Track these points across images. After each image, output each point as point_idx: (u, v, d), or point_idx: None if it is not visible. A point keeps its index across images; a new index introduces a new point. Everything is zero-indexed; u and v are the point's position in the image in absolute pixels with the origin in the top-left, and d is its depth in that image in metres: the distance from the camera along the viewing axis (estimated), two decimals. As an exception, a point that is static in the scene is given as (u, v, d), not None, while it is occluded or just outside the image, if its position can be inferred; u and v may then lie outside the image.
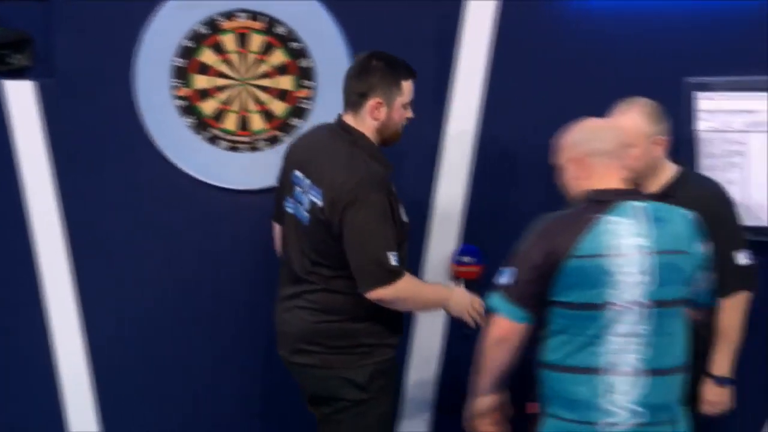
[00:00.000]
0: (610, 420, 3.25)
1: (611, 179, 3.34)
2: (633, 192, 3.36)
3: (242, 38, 4.44)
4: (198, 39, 4.44)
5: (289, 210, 3.87)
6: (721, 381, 4.00)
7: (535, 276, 3.27)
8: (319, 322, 3.81)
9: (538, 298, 3.30)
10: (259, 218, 4.50)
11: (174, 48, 4.44)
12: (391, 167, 3.83)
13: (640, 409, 3.25)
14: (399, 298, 3.72)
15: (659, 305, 3.26)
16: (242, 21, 4.43)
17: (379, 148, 3.83)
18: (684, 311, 3.35)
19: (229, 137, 4.49)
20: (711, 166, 4.25)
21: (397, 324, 3.88)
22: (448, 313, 3.93)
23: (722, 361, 4.00)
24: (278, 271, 4.04)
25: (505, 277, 3.32)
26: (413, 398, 4.59)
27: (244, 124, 4.49)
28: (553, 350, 3.32)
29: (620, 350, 3.25)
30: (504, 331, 3.33)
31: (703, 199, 3.88)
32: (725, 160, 4.25)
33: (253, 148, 4.50)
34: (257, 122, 4.49)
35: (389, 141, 3.86)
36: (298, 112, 4.47)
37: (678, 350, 3.33)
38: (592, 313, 3.25)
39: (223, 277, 4.56)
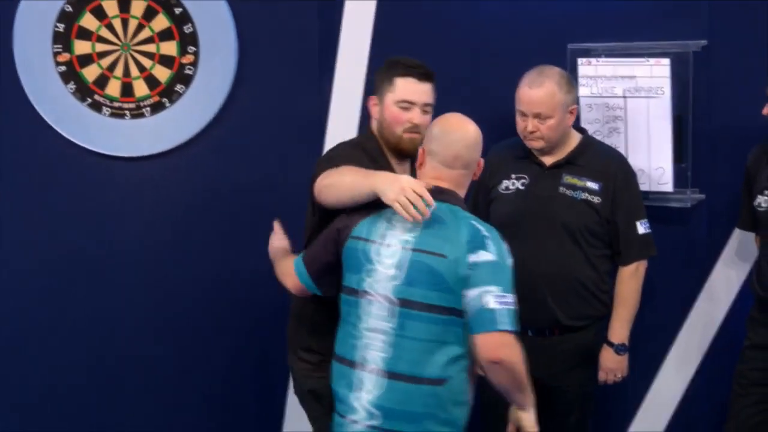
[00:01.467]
0: (353, 417, 3.20)
1: (432, 177, 3.24)
2: (439, 191, 3.18)
3: (123, 3, 4.38)
4: (78, 3, 4.37)
5: None
6: (619, 349, 4.04)
7: (324, 244, 3.30)
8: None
9: (323, 270, 3.31)
10: (142, 185, 4.47)
11: (54, 12, 4.37)
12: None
13: (375, 410, 3.16)
14: (323, 185, 3.40)
15: (405, 304, 3.12)
16: (124, -15, 4.39)
17: (383, 153, 3.59)
18: (441, 321, 3.11)
19: (112, 104, 4.43)
20: (593, 131, 4.25)
21: None
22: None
23: (621, 329, 4.03)
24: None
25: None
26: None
27: (127, 91, 4.43)
28: (336, 339, 3.29)
29: (369, 345, 3.16)
30: (294, 288, 3.40)
31: (608, 169, 3.96)
32: (607, 125, 4.26)
33: (137, 115, 4.44)
34: (141, 88, 4.43)
35: (393, 145, 3.57)
36: (183, 79, 4.42)
37: (421, 359, 3.11)
38: (354, 299, 3.20)
39: (106, 245, 4.50)
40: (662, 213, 4.25)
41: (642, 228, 4.00)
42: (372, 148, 3.59)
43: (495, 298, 3.04)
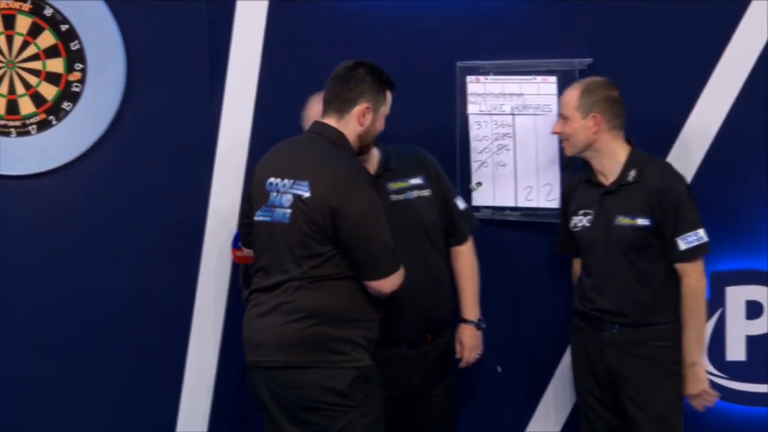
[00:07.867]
0: None
1: None
2: None
3: (8, 19, 4.32)
4: (-38, 20, 4.31)
5: (263, 218, 3.70)
6: (479, 323, 4.12)
7: None
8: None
9: None
10: (30, 204, 4.41)
11: (-63, 29, 4.30)
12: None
13: None
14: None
15: None
16: (8, 2, 4.32)
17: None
18: None
19: (-3, 121, 4.38)
20: (482, 149, 4.30)
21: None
22: None
23: (474, 306, 4.11)
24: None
25: None
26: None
27: (12, 109, 4.36)
28: None
29: None
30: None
31: (417, 162, 4.02)
32: (496, 142, 4.30)
33: (23, 133, 4.38)
34: (27, 106, 4.37)
35: (363, 150, 3.81)
36: (70, 96, 4.36)
37: None
38: None
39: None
40: (551, 228, 4.30)
41: (461, 203, 4.11)
42: (351, 150, 3.73)
43: None
